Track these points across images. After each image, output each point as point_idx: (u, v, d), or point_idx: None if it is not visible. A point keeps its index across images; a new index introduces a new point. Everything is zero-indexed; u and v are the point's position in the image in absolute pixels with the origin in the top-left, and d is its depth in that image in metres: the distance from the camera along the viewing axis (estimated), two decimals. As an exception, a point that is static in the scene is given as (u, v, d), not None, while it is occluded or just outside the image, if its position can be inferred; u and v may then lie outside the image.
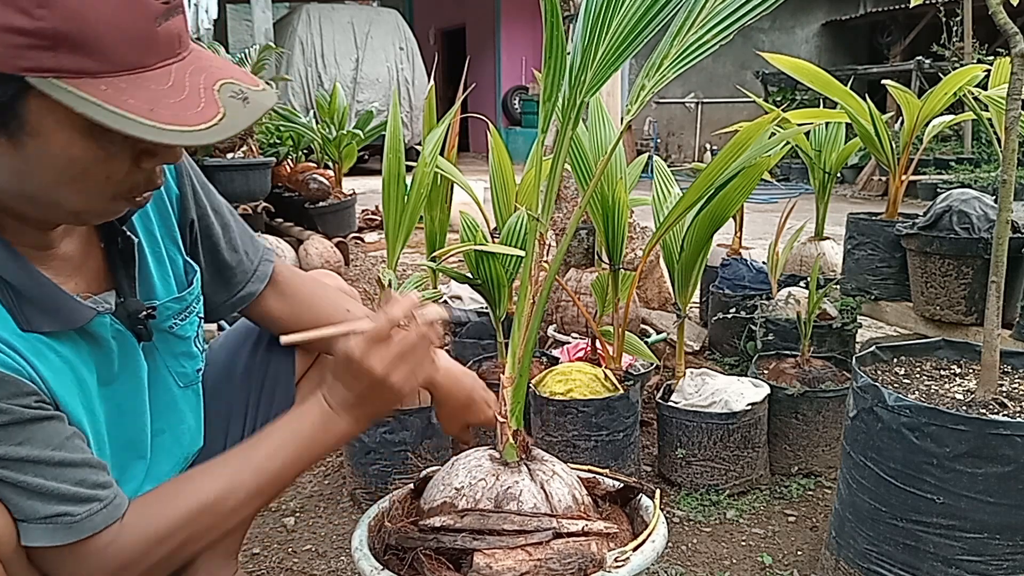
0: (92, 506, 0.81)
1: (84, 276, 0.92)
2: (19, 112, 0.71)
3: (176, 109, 0.72)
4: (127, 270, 0.94)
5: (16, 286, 0.81)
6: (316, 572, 1.60)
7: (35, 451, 0.78)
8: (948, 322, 2.32)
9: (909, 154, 2.55)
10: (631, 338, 1.97)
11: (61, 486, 0.79)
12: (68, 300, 0.85)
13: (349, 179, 5.13)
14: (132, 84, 0.71)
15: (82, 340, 0.88)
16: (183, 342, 1.04)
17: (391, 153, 1.93)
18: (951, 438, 1.19)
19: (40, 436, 0.79)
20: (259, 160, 4.23)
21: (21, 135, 0.72)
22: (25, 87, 0.69)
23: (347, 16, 10.07)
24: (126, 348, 0.94)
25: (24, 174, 0.76)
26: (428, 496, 1.07)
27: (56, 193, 0.78)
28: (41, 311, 0.83)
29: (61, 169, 0.75)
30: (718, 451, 1.83)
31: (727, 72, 12.03)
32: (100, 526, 0.82)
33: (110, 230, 0.93)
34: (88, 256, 0.93)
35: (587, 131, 1.94)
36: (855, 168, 8.83)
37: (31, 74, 0.68)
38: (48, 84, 0.69)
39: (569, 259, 2.78)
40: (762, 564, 1.62)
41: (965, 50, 7.65)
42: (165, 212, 1.02)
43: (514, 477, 1.02)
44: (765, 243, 2.82)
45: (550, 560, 0.94)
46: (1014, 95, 1.25)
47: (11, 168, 0.75)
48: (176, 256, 1.04)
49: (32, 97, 0.70)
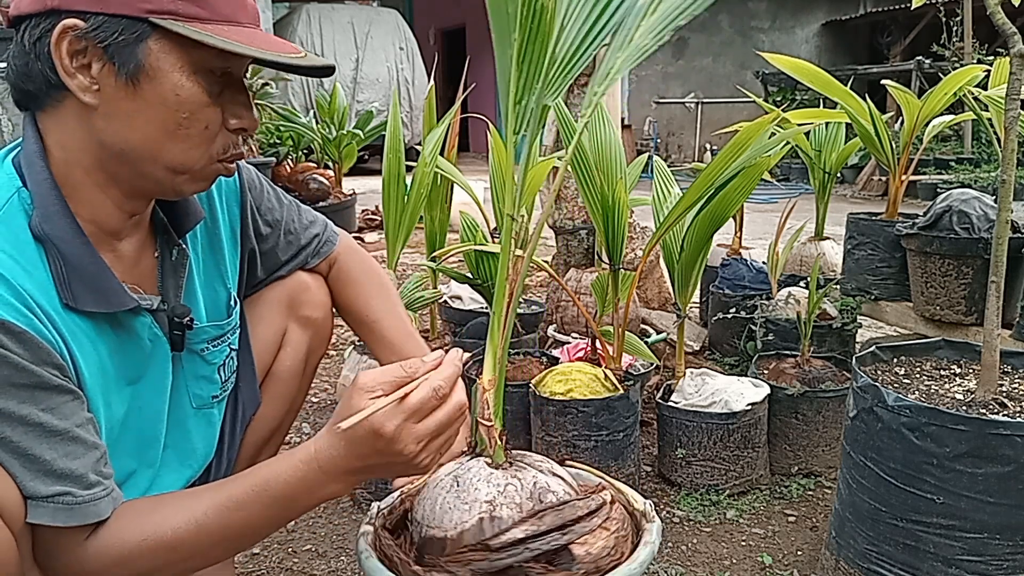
0: (96, 491, 0.81)
1: (135, 277, 0.94)
2: (139, 55, 0.81)
3: (271, 44, 0.87)
4: (176, 280, 0.98)
5: (71, 259, 0.84)
6: (316, 572, 1.60)
7: (54, 420, 0.78)
8: (948, 322, 2.32)
9: (909, 154, 2.55)
10: (631, 338, 1.96)
11: (72, 464, 0.79)
12: (116, 283, 0.88)
13: (349, 179, 5.13)
14: (232, 29, 0.84)
15: (116, 333, 0.90)
16: (208, 367, 1.06)
17: (391, 153, 1.93)
18: (951, 438, 1.19)
19: (61, 408, 0.79)
20: (259, 160, 4.24)
21: (140, 77, 0.81)
22: (148, 29, 0.80)
23: (347, 16, 10.08)
24: (158, 353, 0.97)
25: (136, 120, 0.83)
26: (433, 519, 0.95)
27: (161, 144, 0.85)
28: (89, 288, 0.85)
29: (170, 113, 0.84)
30: (718, 451, 1.83)
31: (727, 72, 12.04)
32: (104, 513, 0.81)
33: (167, 240, 0.98)
34: (141, 260, 0.96)
35: (587, 131, 1.94)
36: (855, 168, 8.83)
37: (154, 16, 0.80)
38: (170, 23, 0.80)
39: (569, 259, 2.78)
40: (762, 564, 1.62)
41: (965, 50, 7.65)
42: (218, 248, 1.07)
43: (526, 474, 1.01)
44: (765, 243, 2.83)
45: (618, 528, 0.96)
46: (1013, 95, 1.25)
47: (125, 113, 0.83)
48: (220, 289, 1.08)
49: (152, 39, 0.81)
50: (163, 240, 0.99)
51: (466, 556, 0.88)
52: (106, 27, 0.79)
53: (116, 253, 0.92)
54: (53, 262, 0.83)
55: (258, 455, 1.25)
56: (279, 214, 1.17)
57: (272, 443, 1.28)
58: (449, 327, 2.66)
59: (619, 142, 1.95)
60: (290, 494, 0.84)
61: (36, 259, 0.82)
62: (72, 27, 0.79)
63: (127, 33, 0.80)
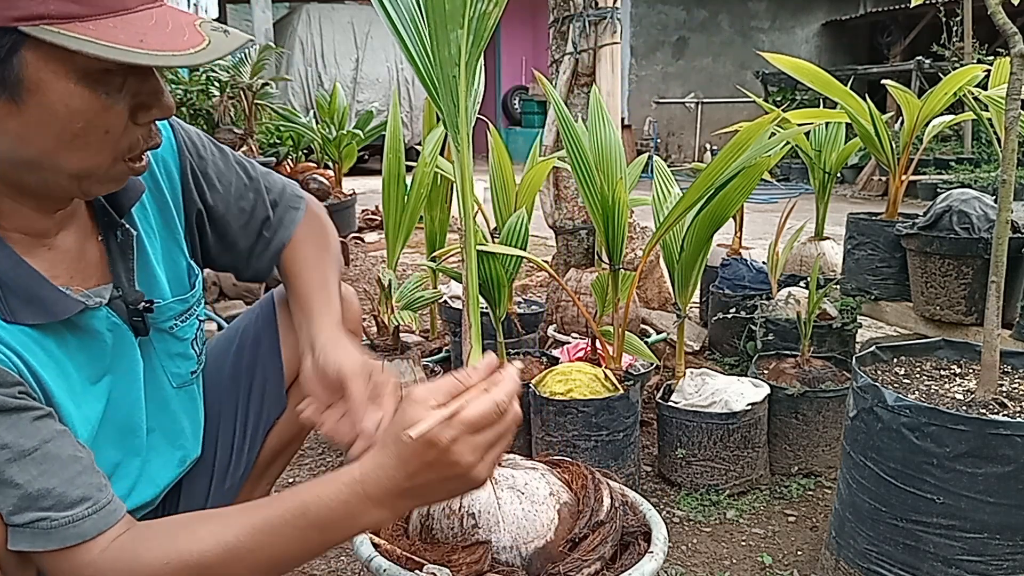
0: (76, 511, 0.77)
1: (81, 269, 0.90)
2: (16, 67, 0.72)
3: (164, 39, 0.75)
4: (126, 263, 0.93)
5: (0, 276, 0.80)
6: (316, 572, 1.60)
7: (21, 440, 0.75)
8: (948, 322, 2.32)
9: (909, 154, 2.55)
10: (631, 338, 1.96)
11: (48, 482, 0.75)
12: (53, 292, 0.84)
13: (349, 179, 5.13)
14: (119, 23, 0.73)
15: (69, 334, 0.86)
16: (180, 343, 1.03)
17: (391, 153, 1.93)
18: (951, 438, 1.19)
19: (25, 427, 0.76)
20: (259, 160, 4.24)
21: (21, 92, 0.73)
22: (20, 39, 0.70)
23: (347, 16, 10.08)
24: (122, 343, 0.93)
25: (26, 137, 0.76)
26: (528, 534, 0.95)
27: (58, 155, 0.78)
28: (24, 302, 0.81)
29: (62, 125, 0.75)
30: (718, 451, 1.83)
31: (727, 72, 12.03)
32: (89, 533, 0.77)
33: (109, 223, 0.93)
34: (86, 249, 0.92)
35: (587, 131, 1.95)
36: (855, 168, 8.83)
37: (23, 23, 0.70)
38: (41, 30, 0.70)
39: (569, 259, 2.78)
40: (762, 564, 1.62)
41: (965, 50, 7.65)
42: (168, 215, 1.02)
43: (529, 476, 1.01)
44: (765, 243, 2.82)
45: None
46: (1014, 95, 1.25)
47: (13, 132, 0.75)
48: (179, 259, 1.04)
49: (27, 49, 0.71)
50: (105, 223, 0.93)
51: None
52: None
53: (55, 251, 0.87)
54: None
55: (274, 461, 1.23)
56: (226, 177, 1.09)
57: (288, 452, 1.26)
58: (449, 327, 2.66)
59: (619, 142, 1.95)
60: (330, 520, 0.78)
61: None
62: None
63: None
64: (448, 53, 0.91)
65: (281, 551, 0.80)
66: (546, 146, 2.66)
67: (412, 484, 0.77)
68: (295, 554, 0.81)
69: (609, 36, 2.61)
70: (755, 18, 12.43)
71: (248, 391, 1.19)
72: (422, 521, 1.01)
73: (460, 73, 0.92)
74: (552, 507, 0.96)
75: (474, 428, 0.76)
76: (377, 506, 0.78)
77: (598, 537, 0.96)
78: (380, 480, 0.77)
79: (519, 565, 0.93)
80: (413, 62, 0.98)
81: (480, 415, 0.76)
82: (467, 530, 0.95)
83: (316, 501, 0.78)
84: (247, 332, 1.20)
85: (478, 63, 0.96)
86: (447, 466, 0.76)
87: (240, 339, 1.21)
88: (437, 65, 0.92)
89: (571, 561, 0.93)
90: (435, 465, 0.76)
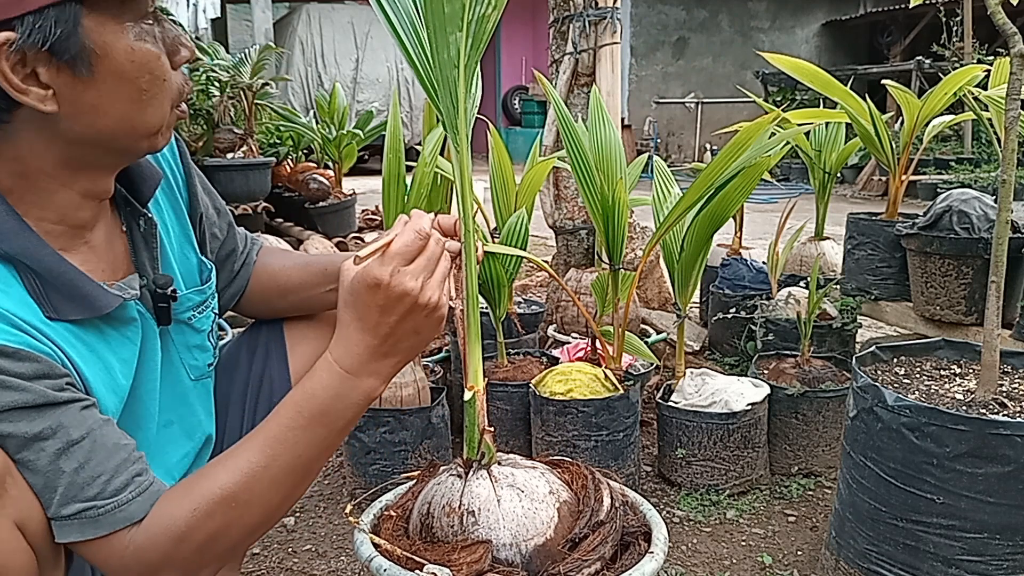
0: (121, 496, 0.79)
1: (111, 262, 0.92)
2: (82, 38, 0.75)
3: None
4: (150, 252, 0.95)
5: (42, 273, 0.81)
6: (316, 572, 1.60)
7: (71, 433, 0.76)
8: (948, 322, 2.32)
9: (909, 154, 2.55)
10: (631, 338, 1.96)
11: (95, 470, 0.77)
12: (94, 287, 0.85)
13: (349, 179, 5.13)
14: None
15: (108, 327, 0.88)
16: (198, 335, 1.05)
17: (391, 153, 1.92)
18: (951, 438, 1.19)
19: (74, 418, 0.77)
20: (259, 160, 4.23)
21: (91, 62, 0.77)
22: (79, 9, 0.75)
23: (347, 16, 10.09)
24: (146, 332, 0.94)
25: (102, 107, 0.80)
26: (527, 531, 0.96)
27: (133, 116, 0.82)
28: (67, 298, 0.83)
29: (132, 83, 0.80)
30: (718, 451, 1.83)
31: (727, 72, 12.04)
32: (136, 515, 0.79)
33: (132, 212, 0.95)
34: (113, 242, 0.94)
35: (587, 131, 1.95)
36: (855, 168, 8.83)
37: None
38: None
39: (569, 259, 2.78)
40: (762, 564, 1.62)
41: (965, 50, 7.66)
42: (180, 211, 1.05)
43: (529, 475, 1.01)
44: (765, 243, 2.83)
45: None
46: (1014, 95, 1.25)
47: (90, 105, 0.79)
48: (190, 254, 1.06)
49: (86, 17, 0.75)
50: (127, 213, 0.95)
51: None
52: (39, 27, 0.73)
53: (90, 244, 0.89)
54: (25, 278, 0.81)
55: None
56: (221, 204, 1.15)
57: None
58: (449, 327, 2.66)
59: (619, 142, 1.95)
60: (325, 408, 0.84)
61: (9, 279, 0.80)
62: (4, 42, 0.72)
63: (62, 23, 0.74)
64: (447, 55, 0.91)
65: (294, 456, 0.84)
66: (546, 146, 2.66)
67: (379, 338, 0.84)
68: (311, 454, 0.86)
69: (609, 36, 2.61)
70: (755, 18, 12.43)
71: (255, 401, 1.20)
72: (422, 520, 1.01)
73: (459, 75, 0.92)
74: (552, 505, 0.96)
75: (406, 258, 0.84)
76: (361, 375, 0.85)
77: (598, 537, 0.96)
78: (350, 350, 0.84)
79: (519, 563, 0.93)
80: (412, 64, 0.99)
81: (405, 243, 0.84)
82: (467, 528, 0.95)
83: (305, 397, 0.85)
84: (255, 343, 1.21)
85: (477, 65, 0.97)
86: (396, 299, 0.83)
87: (248, 349, 1.21)
88: (436, 67, 0.92)
89: (571, 561, 0.93)
90: (387, 307, 0.83)
